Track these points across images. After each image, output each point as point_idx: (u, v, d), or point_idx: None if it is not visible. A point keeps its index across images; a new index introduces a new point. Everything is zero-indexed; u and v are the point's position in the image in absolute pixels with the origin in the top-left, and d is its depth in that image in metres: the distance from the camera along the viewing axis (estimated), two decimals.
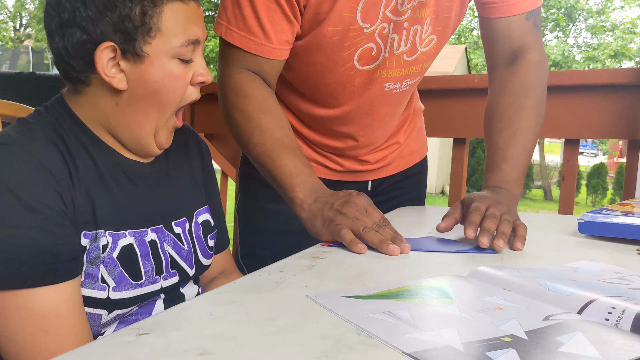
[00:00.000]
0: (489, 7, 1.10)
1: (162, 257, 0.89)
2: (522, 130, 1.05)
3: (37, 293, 0.73)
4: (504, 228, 0.85)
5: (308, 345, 0.47)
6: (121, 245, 0.83)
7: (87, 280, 0.79)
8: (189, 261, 0.95)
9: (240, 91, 1.00)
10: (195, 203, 1.00)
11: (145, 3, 0.79)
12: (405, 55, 1.09)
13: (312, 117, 1.20)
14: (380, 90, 1.12)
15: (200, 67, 0.86)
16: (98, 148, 0.85)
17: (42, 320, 0.73)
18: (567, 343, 0.46)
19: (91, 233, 0.80)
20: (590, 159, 26.28)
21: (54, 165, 0.77)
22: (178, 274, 0.92)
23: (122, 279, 0.82)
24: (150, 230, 0.89)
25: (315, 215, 0.89)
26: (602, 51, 20.28)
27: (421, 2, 1.03)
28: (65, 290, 0.75)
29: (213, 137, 2.38)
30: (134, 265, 0.84)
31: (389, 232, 0.83)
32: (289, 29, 1.00)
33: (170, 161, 0.98)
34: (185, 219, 0.96)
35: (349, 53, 1.05)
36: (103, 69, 0.80)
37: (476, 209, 0.88)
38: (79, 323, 0.76)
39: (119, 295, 0.82)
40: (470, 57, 21.31)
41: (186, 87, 0.85)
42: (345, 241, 0.81)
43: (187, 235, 0.96)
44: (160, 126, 0.87)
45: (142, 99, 0.83)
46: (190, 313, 0.54)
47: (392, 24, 1.04)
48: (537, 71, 1.10)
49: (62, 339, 0.74)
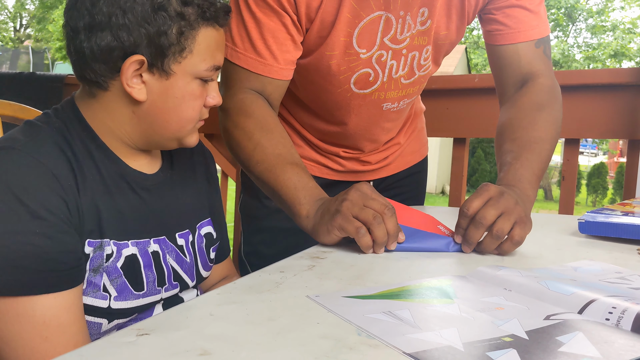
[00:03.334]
0: (495, 35, 1.09)
1: (165, 268, 0.89)
2: (536, 139, 0.99)
3: (39, 300, 0.73)
4: (499, 227, 0.79)
5: (308, 346, 0.47)
6: (125, 255, 0.82)
7: (89, 289, 0.79)
8: (190, 273, 0.94)
9: (242, 110, 1.00)
10: (199, 216, 0.99)
11: (182, 23, 0.80)
12: (403, 78, 1.09)
13: (314, 129, 1.21)
14: (378, 110, 1.13)
15: (213, 90, 0.87)
16: (104, 156, 0.84)
17: (42, 327, 0.73)
18: (567, 343, 0.46)
19: (96, 241, 0.79)
20: (591, 158, 26.27)
21: (60, 171, 0.76)
22: (180, 286, 0.92)
23: (124, 288, 0.82)
24: (153, 242, 0.88)
25: (321, 224, 0.85)
26: (602, 51, 20.29)
27: (420, 30, 1.03)
28: (66, 298, 0.75)
29: (213, 137, 2.38)
30: (137, 276, 0.84)
31: (380, 233, 0.79)
32: (293, 49, 1.01)
33: (175, 173, 0.97)
34: (188, 231, 0.95)
35: (346, 77, 1.06)
36: (127, 79, 0.80)
37: (464, 215, 0.82)
38: (79, 331, 0.76)
39: (120, 305, 0.81)
40: (470, 57, 21.31)
41: (202, 106, 0.87)
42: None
43: (189, 248, 0.95)
44: (186, 134, 0.87)
45: (162, 112, 0.84)
46: (191, 313, 0.54)
47: (391, 52, 1.04)
48: (549, 93, 1.07)
49: (61, 347, 0.74)
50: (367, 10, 0.99)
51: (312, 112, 1.19)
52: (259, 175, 0.97)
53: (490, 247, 0.81)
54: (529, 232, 0.82)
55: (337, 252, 0.81)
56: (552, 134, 1.03)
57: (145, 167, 0.91)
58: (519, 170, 0.94)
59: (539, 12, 1.07)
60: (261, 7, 0.97)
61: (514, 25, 1.06)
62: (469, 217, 0.81)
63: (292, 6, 0.97)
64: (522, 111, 1.05)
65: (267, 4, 0.97)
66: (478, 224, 0.79)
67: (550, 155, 1.01)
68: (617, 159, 20.48)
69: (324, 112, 1.16)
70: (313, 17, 0.99)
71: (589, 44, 22.19)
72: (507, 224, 0.79)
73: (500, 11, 1.07)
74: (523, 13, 1.06)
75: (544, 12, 1.09)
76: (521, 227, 0.80)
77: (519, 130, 1.01)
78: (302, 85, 1.14)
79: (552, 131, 1.03)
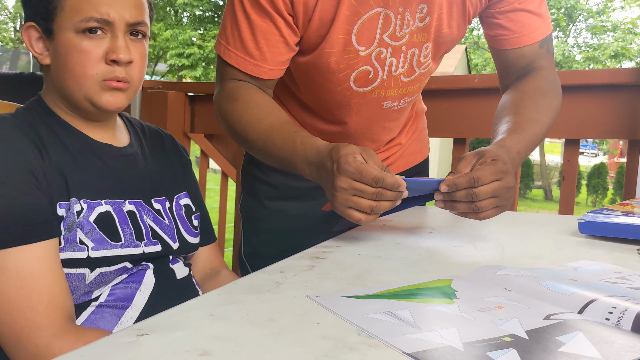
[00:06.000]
0: (500, 40, 1.09)
1: (142, 226, 0.93)
2: (536, 120, 1.01)
3: (10, 253, 0.79)
4: (482, 205, 0.83)
5: (308, 346, 0.47)
6: (98, 212, 0.88)
7: (67, 245, 0.84)
8: (172, 235, 0.97)
9: (229, 96, 1.03)
10: (175, 189, 1.04)
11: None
12: (403, 76, 1.09)
13: (315, 130, 1.21)
14: (379, 108, 1.13)
15: (114, 45, 0.90)
16: (68, 132, 0.92)
17: (16, 277, 0.79)
18: (567, 343, 0.46)
19: (66, 203, 0.86)
20: (591, 159, 26.28)
21: (24, 148, 0.84)
22: (160, 245, 0.95)
23: (100, 239, 0.86)
24: (129, 202, 0.93)
25: (324, 189, 0.87)
26: (602, 51, 20.28)
27: (419, 27, 1.04)
28: (37, 250, 0.81)
29: (213, 138, 2.38)
30: (112, 229, 0.89)
31: (372, 216, 0.82)
32: (285, 51, 1.02)
33: (147, 150, 1.03)
34: (165, 198, 1.00)
35: (345, 74, 1.06)
36: (32, 48, 0.91)
37: (469, 183, 0.83)
38: (54, 281, 0.81)
39: (98, 254, 0.86)
40: (471, 57, 21.32)
41: (97, 62, 0.89)
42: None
43: (167, 212, 0.99)
44: (92, 93, 0.90)
45: (60, 72, 0.91)
46: (191, 313, 0.54)
47: (391, 49, 1.05)
48: (552, 84, 1.09)
49: (36, 294, 0.79)
50: (365, 7, 0.99)
51: (313, 113, 1.19)
52: (259, 153, 1.01)
53: (460, 210, 0.85)
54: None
55: (337, 252, 0.81)
56: (549, 122, 1.05)
57: (112, 141, 0.97)
58: (521, 142, 0.96)
59: (541, 12, 1.07)
60: (255, 8, 0.98)
61: (518, 30, 1.07)
62: (472, 187, 0.83)
63: (288, 7, 0.98)
64: (526, 93, 1.06)
65: (261, 6, 0.97)
66: (469, 196, 0.83)
67: (540, 141, 1.04)
68: (617, 159, 20.50)
69: (324, 111, 1.16)
70: (310, 15, 0.99)
71: (589, 45, 22.19)
72: (490, 206, 0.84)
73: (504, 15, 1.07)
74: (526, 16, 1.06)
75: (545, 11, 1.09)
76: (496, 211, 0.86)
77: (521, 108, 1.03)
78: (302, 84, 1.14)
79: (550, 118, 1.05)
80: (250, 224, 1.31)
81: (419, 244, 0.88)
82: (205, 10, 18.95)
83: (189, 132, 2.32)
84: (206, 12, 19.05)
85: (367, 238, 0.91)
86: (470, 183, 0.82)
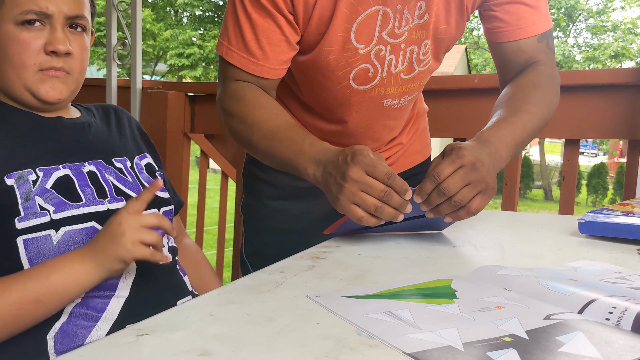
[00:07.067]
0: (497, 32, 1.09)
1: (105, 185, 0.95)
2: (526, 110, 1.00)
3: None
4: (460, 197, 0.81)
5: (308, 346, 0.47)
6: (56, 176, 0.90)
7: (28, 213, 0.85)
8: (137, 191, 0.98)
9: (234, 97, 1.03)
10: (134, 150, 1.06)
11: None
12: (403, 73, 1.09)
13: (316, 129, 1.21)
14: (379, 107, 1.13)
15: (52, 37, 0.92)
16: (18, 114, 0.94)
17: None
18: (567, 343, 0.46)
19: (15, 173, 0.87)
20: (591, 159, 26.28)
21: None
22: (125, 201, 0.95)
23: (60, 203, 0.88)
24: (88, 163, 0.95)
25: (327, 188, 0.87)
26: (602, 51, 20.28)
27: (418, 24, 1.04)
28: None
29: (213, 138, 2.38)
30: (72, 191, 0.90)
31: (373, 218, 0.82)
32: (287, 50, 1.02)
33: (99, 118, 1.06)
34: (126, 158, 1.02)
35: (345, 72, 1.06)
36: None
37: (432, 181, 0.82)
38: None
39: (61, 216, 0.87)
40: (471, 57, 21.33)
41: (36, 53, 0.91)
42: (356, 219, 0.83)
43: (130, 171, 1.01)
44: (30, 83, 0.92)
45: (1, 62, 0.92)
46: (191, 313, 0.54)
47: (390, 46, 1.05)
48: (547, 78, 1.08)
49: None
50: (364, 5, 0.99)
51: (313, 112, 1.19)
52: (263, 154, 1.00)
53: (445, 212, 0.83)
54: (490, 200, 0.83)
55: (337, 252, 0.81)
56: (542, 113, 1.03)
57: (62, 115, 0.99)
58: (501, 130, 0.95)
59: (539, 7, 1.07)
60: (256, 8, 0.99)
61: (515, 22, 1.07)
62: (436, 183, 0.81)
63: (289, 6, 0.98)
64: (519, 86, 1.06)
65: (262, 5, 0.98)
66: (441, 193, 0.81)
67: (534, 131, 1.02)
68: (617, 159, 20.50)
69: (324, 110, 1.16)
70: (310, 13, 0.99)
71: (589, 45, 22.19)
72: (469, 195, 0.81)
73: (500, 7, 1.07)
74: (523, 9, 1.06)
75: (544, 6, 1.09)
76: (483, 198, 0.82)
77: (511, 100, 1.03)
78: (302, 83, 1.14)
79: (543, 110, 1.04)
80: (251, 224, 1.31)
81: (419, 244, 0.88)
82: (206, 10, 18.95)
83: (189, 132, 2.32)
84: (206, 12, 19.05)
85: (367, 238, 0.91)
86: (434, 181, 0.81)
